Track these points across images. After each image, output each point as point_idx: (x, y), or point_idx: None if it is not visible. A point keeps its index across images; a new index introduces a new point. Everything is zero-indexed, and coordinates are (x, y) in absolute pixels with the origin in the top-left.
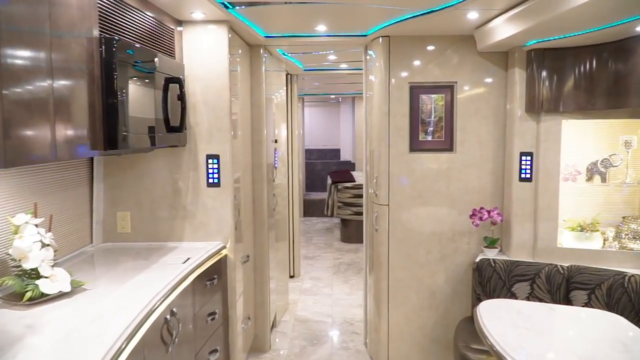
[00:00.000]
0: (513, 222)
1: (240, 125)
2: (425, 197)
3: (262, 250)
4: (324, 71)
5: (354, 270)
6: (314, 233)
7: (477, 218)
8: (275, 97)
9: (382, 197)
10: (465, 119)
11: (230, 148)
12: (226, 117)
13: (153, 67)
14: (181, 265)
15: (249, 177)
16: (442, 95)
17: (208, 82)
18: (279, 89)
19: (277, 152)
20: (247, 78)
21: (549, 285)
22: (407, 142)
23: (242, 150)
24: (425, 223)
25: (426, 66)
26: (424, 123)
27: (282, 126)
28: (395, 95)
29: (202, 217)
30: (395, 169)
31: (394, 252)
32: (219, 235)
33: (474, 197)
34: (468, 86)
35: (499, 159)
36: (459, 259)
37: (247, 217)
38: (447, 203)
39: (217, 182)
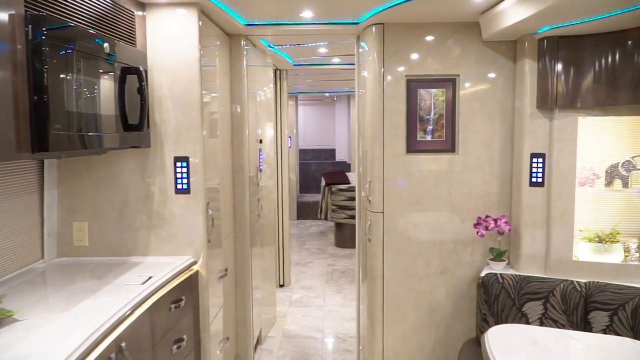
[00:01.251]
0: (523, 231)
1: (219, 125)
2: (424, 203)
3: (244, 262)
4: (315, 66)
5: (347, 278)
6: (307, 237)
7: (483, 227)
8: (261, 94)
9: (375, 204)
10: (468, 117)
11: (201, 149)
12: (196, 114)
13: (102, 54)
14: (139, 287)
15: (229, 181)
16: (443, 90)
17: (176, 74)
18: (266, 85)
19: (262, 153)
20: (226, 72)
21: (564, 304)
22: (403, 142)
23: (220, 152)
24: (424, 232)
25: (425, 57)
26: (423, 121)
27: (269, 125)
28: (390, 90)
29: (169, 228)
30: (390, 172)
31: (389, 265)
32: (189, 249)
33: (478, 203)
34: (472, 80)
35: (506, 161)
36: (462, 272)
37: (226, 226)
38: (449, 210)
39: (186, 188)
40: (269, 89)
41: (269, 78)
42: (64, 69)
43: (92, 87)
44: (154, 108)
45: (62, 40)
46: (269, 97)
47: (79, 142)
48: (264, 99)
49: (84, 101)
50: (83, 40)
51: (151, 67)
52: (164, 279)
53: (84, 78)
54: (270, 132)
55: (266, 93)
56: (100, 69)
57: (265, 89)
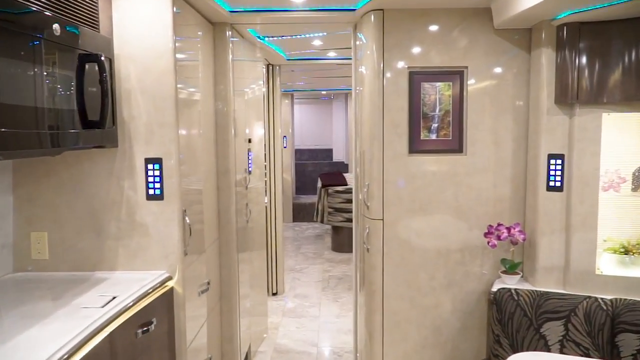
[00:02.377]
0: (539, 241)
1: (202, 123)
2: (428, 209)
3: (230, 273)
4: (310, 61)
5: (344, 285)
6: (302, 240)
7: (494, 237)
8: (250, 90)
9: (374, 210)
10: (477, 113)
11: (177, 149)
12: (171, 109)
13: (51, 37)
14: (98, 311)
15: (213, 185)
16: (449, 83)
17: (146, 64)
18: (255, 81)
19: (251, 153)
20: (209, 65)
21: (588, 325)
22: (405, 142)
23: (203, 152)
24: (428, 241)
25: (429, 48)
26: (427, 118)
27: (259, 124)
28: (391, 84)
29: (140, 239)
30: (391, 174)
31: (390, 278)
32: (162, 263)
33: (488, 209)
34: (481, 72)
35: (520, 163)
36: (470, 286)
37: (210, 234)
38: (455, 217)
39: (159, 193)
40: (258, 85)
41: (259, 73)
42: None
43: (34, 75)
44: (121, 102)
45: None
46: (259, 94)
47: (16, 140)
48: (254, 95)
49: (29, 92)
50: (21, 18)
51: (118, 55)
52: (131, 299)
53: (23, 64)
54: (260, 131)
55: (256, 89)
56: (47, 54)
57: (254, 85)
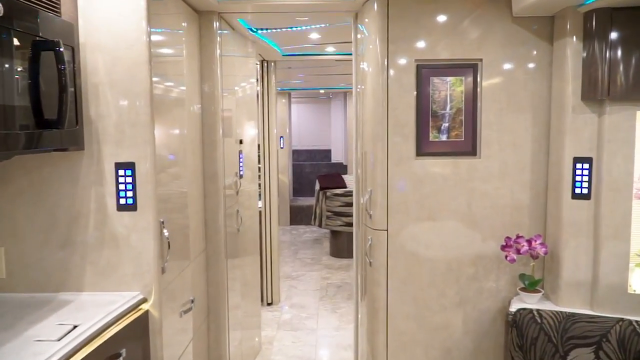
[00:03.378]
0: (563, 255)
1: (186, 123)
2: (437, 218)
3: (218, 289)
4: (307, 57)
5: (344, 294)
6: (300, 245)
7: (513, 251)
8: (242, 87)
9: (378, 219)
10: (493, 111)
11: (152, 152)
12: (144, 107)
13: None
14: (52, 346)
15: (199, 191)
16: (462, 78)
17: (116, 54)
18: (248, 78)
19: (242, 155)
20: (195, 59)
21: (622, 352)
22: (412, 143)
23: (188, 155)
24: (437, 255)
25: (439, 38)
26: (437, 117)
27: (251, 124)
28: (396, 79)
29: (110, 255)
30: (396, 180)
31: (395, 295)
32: (136, 283)
33: (505, 219)
34: (498, 65)
35: (540, 167)
36: (485, 304)
37: (196, 245)
38: (468, 227)
39: (132, 203)
40: (251, 83)
41: (251, 69)
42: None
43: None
44: (88, 98)
45: None
46: (251, 92)
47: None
48: (246, 93)
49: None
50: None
51: (84, 44)
52: (94, 328)
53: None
54: (253, 131)
55: (248, 87)
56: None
57: (246, 82)
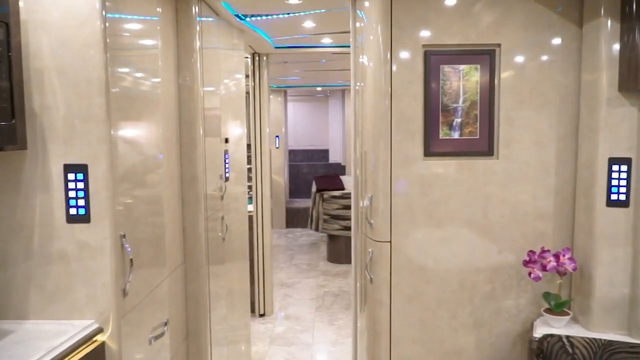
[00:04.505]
0: (595, 272)
1: (162, 120)
2: (448, 228)
3: (198, 307)
4: (302, 49)
5: (341, 303)
6: (296, 249)
7: (538, 267)
8: (228, 81)
9: (380, 230)
10: (513, 105)
11: (108, 152)
12: (98, 97)
13: None
14: None
15: (175, 196)
16: (477, 66)
17: (64, 34)
18: (235, 72)
19: (227, 155)
20: (171, 48)
21: None
22: (420, 142)
23: (162, 155)
24: (448, 270)
25: (451, 20)
26: (448, 111)
27: (239, 122)
28: (401, 67)
29: (59, 277)
30: (400, 184)
31: (399, 317)
32: (90, 309)
33: (526, 229)
34: (518, 52)
35: (568, 170)
36: (503, 326)
37: (173, 258)
38: (484, 238)
39: (84, 213)
40: (238, 77)
41: (239, 62)
42: None
43: None
44: (30, 87)
45: None
46: (239, 87)
47: None
48: (233, 89)
49: None
50: None
51: (25, 21)
52: None
53: None
54: (241, 130)
55: (235, 81)
56: None
57: (233, 76)
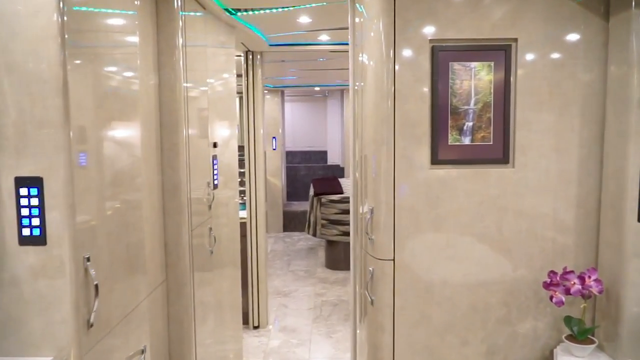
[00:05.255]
0: (625, 294)
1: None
2: (458, 245)
3: (182, 330)
4: (297, 47)
5: (340, 314)
6: (293, 255)
7: (561, 290)
8: (216, 81)
9: (382, 247)
10: (531, 107)
11: (67, 162)
12: (55, 98)
13: None
14: None
15: (155, 208)
16: (490, 63)
17: (14, 25)
18: (225, 71)
19: (216, 161)
20: (150, 45)
21: None
22: (426, 149)
23: (139, 162)
24: (459, 292)
25: (462, 12)
26: (458, 114)
27: (229, 123)
28: (405, 64)
29: (10, 307)
30: (405, 197)
31: (404, 344)
32: (47, 345)
33: (545, 245)
34: (537, 47)
35: (592, 180)
36: (519, 354)
37: (153, 277)
38: (498, 256)
39: (39, 234)
40: (229, 76)
41: (230, 61)
42: None
43: None
44: None
45: None
46: (230, 87)
47: None
48: (223, 89)
49: None
50: None
51: None
52: None
53: None
54: (232, 132)
55: (226, 81)
56: None
57: (222, 76)
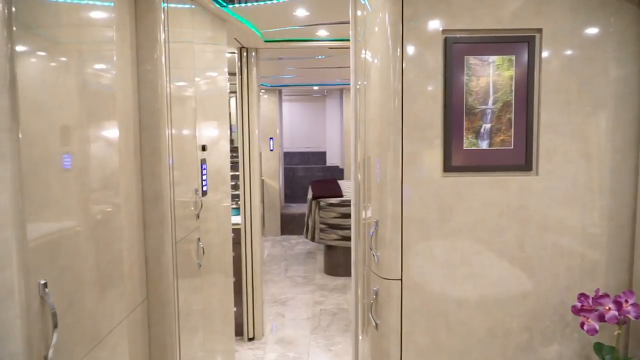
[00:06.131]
0: None
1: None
2: (475, 263)
3: (165, 356)
4: (294, 43)
5: (340, 323)
6: (291, 260)
7: (594, 316)
8: (207, 80)
9: (387, 265)
10: (557, 107)
11: (14, 172)
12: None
13: None
14: None
15: (134, 220)
16: (511, 57)
17: None
18: (216, 68)
19: (205, 165)
20: (126, 36)
21: None
22: (439, 154)
23: (114, 169)
24: (475, 315)
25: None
26: (474, 115)
27: (220, 125)
28: (414, 58)
29: None
30: (415, 207)
31: None
32: None
33: (572, 262)
34: (564, 39)
35: (626, 189)
36: None
37: (131, 297)
38: (520, 274)
39: None
40: (221, 74)
41: (221, 58)
42: None
43: None
44: None
45: None
46: (221, 86)
47: None
48: (213, 87)
49: None
50: None
51: None
52: None
53: None
54: (224, 134)
55: (217, 79)
56: None
57: (212, 74)
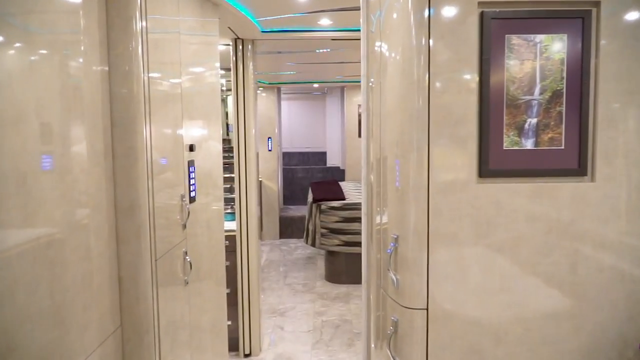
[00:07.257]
0: None
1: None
2: (517, 289)
3: None
4: (294, 33)
5: (343, 337)
6: (290, 265)
7: None
8: (194, 75)
9: (410, 291)
10: (618, 98)
11: None
12: None
13: None
14: None
15: (106, 233)
16: (562, 36)
17: None
18: (205, 61)
19: (192, 168)
20: (94, 10)
21: None
22: (473, 155)
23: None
24: (516, 352)
25: None
26: (517, 107)
27: (209, 123)
28: (444, 35)
29: None
30: (443, 222)
31: None
32: None
33: (636, 288)
34: (627, 15)
35: None
36: None
37: (103, 324)
38: (572, 303)
39: None
40: (211, 66)
41: (212, 50)
42: None
43: None
44: None
45: None
46: (212, 81)
47: None
48: (202, 83)
49: None
50: None
51: None
52: None
53: None
54: (215, 134)
55: (205, 73)
56: None
57: (201, 69)
